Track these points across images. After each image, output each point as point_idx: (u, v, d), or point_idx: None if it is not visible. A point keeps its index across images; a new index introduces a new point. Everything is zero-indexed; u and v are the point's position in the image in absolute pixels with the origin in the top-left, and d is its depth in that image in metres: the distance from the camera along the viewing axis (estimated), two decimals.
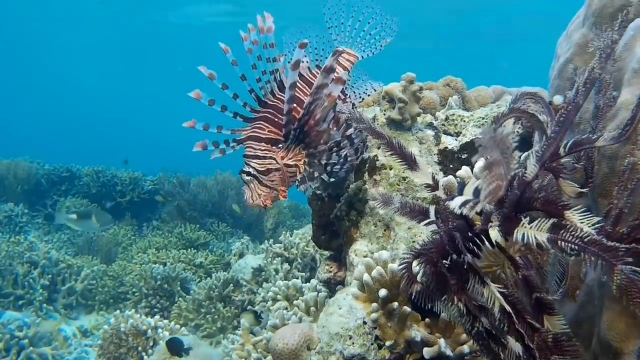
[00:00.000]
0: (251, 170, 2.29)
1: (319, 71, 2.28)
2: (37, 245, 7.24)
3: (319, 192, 2.64)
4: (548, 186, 1.01)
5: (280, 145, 2.30)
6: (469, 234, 1.12)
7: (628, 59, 1.10)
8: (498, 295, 1.02)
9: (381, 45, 2.42)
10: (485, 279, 1.05)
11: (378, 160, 2.42)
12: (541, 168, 0.91)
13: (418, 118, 2.48)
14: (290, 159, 2.30)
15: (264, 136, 2.31)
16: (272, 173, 2.29)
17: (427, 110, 2.80)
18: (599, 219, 0.82)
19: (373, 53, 2.44)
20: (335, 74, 2.12)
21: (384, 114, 2.50)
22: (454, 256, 1.15)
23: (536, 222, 0.89)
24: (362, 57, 2.45)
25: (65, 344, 5.41)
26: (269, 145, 2.30)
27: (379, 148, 2.45)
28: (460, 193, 1.19)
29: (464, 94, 3.16)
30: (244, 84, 2.31)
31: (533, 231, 0.89)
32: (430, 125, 2.51)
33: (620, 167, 0.98)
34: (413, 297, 1.19)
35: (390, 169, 2.36)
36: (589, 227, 0.80)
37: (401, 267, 1.15)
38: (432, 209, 1.32)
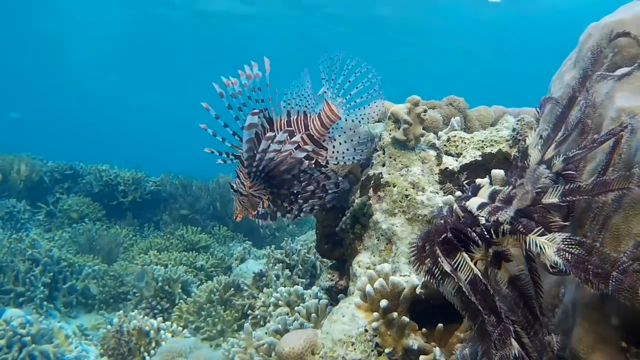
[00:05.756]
0: (234, 186, 2.61)
1: (304, 117, 2.57)
2: (40, 242, 7.33)
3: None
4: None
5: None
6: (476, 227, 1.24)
7: (608, 107, 1.25)
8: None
9: (369, 118, 2.53)
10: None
11: (382, 177, 2.56)
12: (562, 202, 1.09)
13: (421, 138, 2.62)
14: (255, 190, 2.59)
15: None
16: (243, 196, 2.60)
17: (430, 129, 2.94)
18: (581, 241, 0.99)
19: (360, 122, 2.56)
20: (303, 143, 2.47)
21: (390, 134, 2.64)
22: (449, 235, 1.23)
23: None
24: (345, 119, 2.54)
25: (66, 342, 5.50)
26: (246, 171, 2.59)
27: (383, 166, 2.59)
28: (475, 194, 1.31)
29: (466, 113, 3.30)
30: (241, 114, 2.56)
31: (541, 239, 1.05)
32: (432, 146, 2.65)
33: (594, 205, 1.14)
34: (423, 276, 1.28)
35: (394, 186, 2.50)
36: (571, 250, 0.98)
37: (411, 250, 1.26)
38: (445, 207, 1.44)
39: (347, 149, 2.57)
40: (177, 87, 39.63)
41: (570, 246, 0.99)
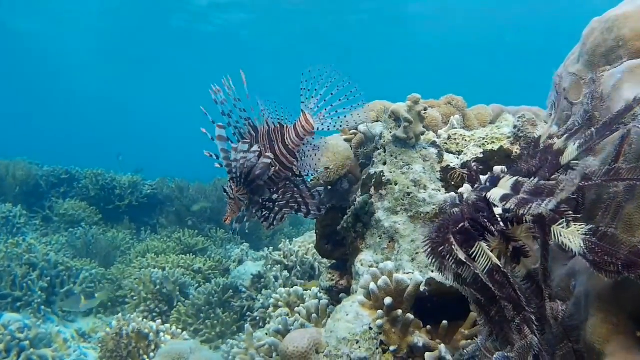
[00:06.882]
0: (227, 190, 2.70)
1: (278, 126, 2.64)
2: (36, 247, 7.28)
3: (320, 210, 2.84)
4: None
5: None
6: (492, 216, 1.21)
7: (616, 99, 1.26)
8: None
9: (348, 126, 2.60)
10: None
11: (384, 176, 2.56)
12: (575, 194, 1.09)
13: (422, 136, 2.63)
14: (240, 194, 2.69)
15: None
16: (231, 200, 2.70)
17: (430, 128, 2.94)
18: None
19: (329, 129, 2.62)
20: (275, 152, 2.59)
21: (390, 132, 2.64)
22: (466, 224, 1.19)
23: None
24: (319, 129, 2.60)
25: (64, 346, 5.46)
26: None
27: (384, 164, 2.59)
28: (494, 185, 1.27)
29: (465, 112, 3.31)
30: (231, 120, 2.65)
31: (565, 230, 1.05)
32: (433, 144, 2.65)
33: (605, 196, 1.15)
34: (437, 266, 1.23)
35: (396, 184, 2.50)
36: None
37: (425, 242, 1.22)
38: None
39: (310, 164, 2.66)
40: (176, 88, 39.59)
41: (594, 237, 0.99)
